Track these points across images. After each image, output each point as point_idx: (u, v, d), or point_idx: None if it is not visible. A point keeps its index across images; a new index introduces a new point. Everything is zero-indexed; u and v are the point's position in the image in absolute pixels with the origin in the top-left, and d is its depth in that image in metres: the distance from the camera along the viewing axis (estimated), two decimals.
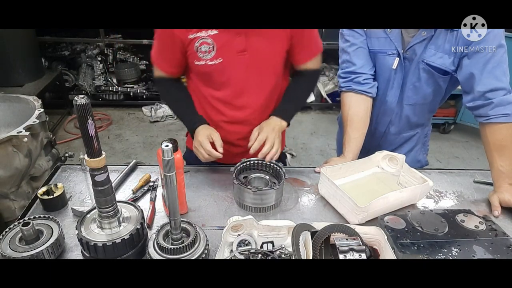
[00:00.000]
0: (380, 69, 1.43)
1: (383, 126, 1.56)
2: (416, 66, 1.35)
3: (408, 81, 1.40)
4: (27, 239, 0.94)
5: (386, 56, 1.39)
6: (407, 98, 1.44)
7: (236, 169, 1.26)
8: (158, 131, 4.13)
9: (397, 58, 1.37)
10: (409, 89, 1.42)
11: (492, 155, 1.26)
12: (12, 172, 1.78)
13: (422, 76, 1.36)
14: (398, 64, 1.38)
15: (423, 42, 1.30)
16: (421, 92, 1.41)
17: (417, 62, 1.34)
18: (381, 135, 1.59)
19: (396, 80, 1.42)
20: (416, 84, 1.39)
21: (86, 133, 0.79)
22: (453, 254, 0.98)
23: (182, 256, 0.90)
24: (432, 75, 1.34)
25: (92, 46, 4.36)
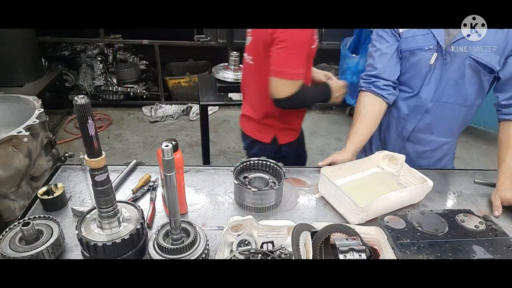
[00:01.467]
0: (417, 66, 1.41)
1: (412, 124, 1.50)
2: (461, 62, 1.32)
3: (451, 77, 1.36)
4: (27, 239, 0.94)
5: (422, 51, 1.38)
6: (447, 96, 1.40)
7: (236, 169, 1.26)
8: (158, 131, 4.13)
9: (435, 53, 1.35)
10: (451, 86, 1.38)
11: (505, 151, 1.26)
12: (12, 172, 1.78)
13: (466, 72, 1.33)
14: (437, 59, 1.36)
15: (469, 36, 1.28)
16: (462, 91, 1.38)
17: (463, 57, 1.31)
18: (408, 133, 1.53)
19: (433, 76, 1.39)
20: (459, 81, 1.36)
21: (86, 133, 0.79)
22: (453, 254, 0.98)
23: (182, 256, 0.90)
24: (478, 72, 1.32)
25: (92, 46, 4.36)
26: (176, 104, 4.48)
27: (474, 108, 1.46)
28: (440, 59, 1.36)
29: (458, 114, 1.46)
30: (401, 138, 1.57)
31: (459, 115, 1.46)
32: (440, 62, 1.36)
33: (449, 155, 1.57)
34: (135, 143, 3.87)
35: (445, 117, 1.46)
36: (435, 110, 1.45)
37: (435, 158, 1.53)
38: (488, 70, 1.31)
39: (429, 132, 1.51)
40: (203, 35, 4.03)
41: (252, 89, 1.64)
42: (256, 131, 1.67)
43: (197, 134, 3.94)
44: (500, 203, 1.23)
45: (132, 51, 4.60)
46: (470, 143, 4.12)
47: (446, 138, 1.52)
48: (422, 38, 1.37)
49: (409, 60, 1.42)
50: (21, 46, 3.46)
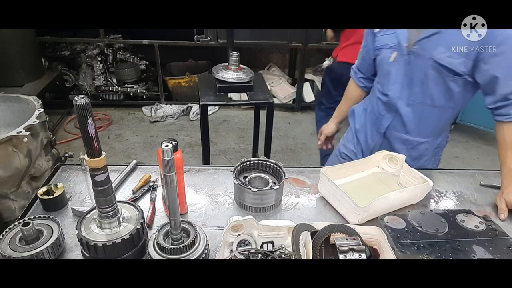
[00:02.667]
0: (381, 64, 1.50)
1: (387, 121, 1.54)
2: (425, 62, 1.33)
3: (415, 77, 1.38)
4: (27, 239, 0.94)
5: (385, 50, 1.44)
6: (414, 95, 1.42)
7: (236, 169, 1.26)
8: (158, 131, 4.13)
9: (395, 51, 1.39)
10: (416, 86, 1.40)
11: (506, 153, 1.25)
12: (12, 172, 1.78)
13: (430, 73, 1.34)
14: (397, 58, 1.39)
15: (431, 37, 1.30)
16: (428, 91, 1.39)
17: (426, 58, 1.33)
18: (384, 130, 1.56)
19: (396, 74, 1.42)
20: (424, 81, 1.37)
21: (86, 133, 0.79)
22: (453, 254, 0.98)
23: (182, 256, 0.90)
24: (441, 74, 1.32)
25: (92, 46, 4.36)
26: (176, 104, 4.47)
27: (447, 110, 1.44)
28: (401, 58, 1.39)
29: (429, 115, 1.46)
30: (379, 133, 1.59)
31: (431, 116, 1.46)
32: (402, 61, 1.39)
33: (427, 156, 1.56)
34: (135, 143, 3.87)
35: (417, 117, 1.47)
36: (406, 110, 1.47)
37: (411, 157, 1.54)
38: (452, 72, 1.31)
39: (403, 131, 1.53)
40: (203, 35, 4.02)
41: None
42: None
43: (197, 134, 3.94)
44: (505, 206, 1.22)
45: (132, 51, 4.59)
46: (470, 143, 4.12)
47: (420, 138, 1.52)
48: (387, 37, 1.43)
49: (378, 58, 1.52)
50: (21, 46, 3.46)
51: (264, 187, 1.25)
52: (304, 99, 4.57)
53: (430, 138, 1.52)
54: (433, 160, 1.59)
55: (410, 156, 1.54)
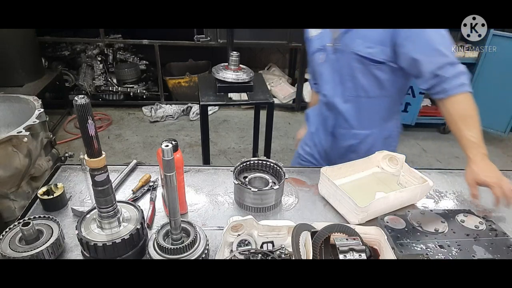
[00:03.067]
0: (315, 67, 1.54)
1: (331, 121, 1.56)
2: (348, 56, 1.37)
3: (344, 72, 1.42)
4: (27, 239, 0.94)
5: (315, 53, 1.49)
6: (348, 90, 1.45)
7: (236, 169, 1.26)
8: (158, 131, 4.13)
9: (324, 52, 1.43)
10: (348, 81, 1.43)
11: (459, 127, 1.24)
12: (12, 172, 1.78)
13: (356, 66, 1.37)
14: (326, 58, 1.43)
15: (348, 32, 1.33)
16: (359, 84, 1.41)
17: (348, 53, 1.36)
18: (331, 129, 1.59)
19: (328, 74, 1.46)
20: (353, 75, 1.41)
21: (86, 133, 0.79)
22: (453, 254, 0.98)
23: (182, 256, 0.90)
24: (365, 64, 1.35)
25: (92, 46, 4.36)
26: (176, 104, 4.47)
27: (384, 99, 1.46)
28: (328, 57, 1.42)
29: (367, 107, 1.47)
30: (328, 134, 1.61)
31: (369, 108, 1.48)
32: (331, 60, 1.42)
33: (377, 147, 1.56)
34: (135, 143, 3.87)
35: (356, 110, 1.49)
36: (344, 106, 1.49)
37: (362, 150, 1.55)
38: (374, 61, 1.33)
39: (348, 127, 1.54)
40: (203, 35, 4.02)
41: None
42: None
43: (197, 134, 3.94)
44: (477, 190, 1.19)
45: (132, 51, 4.59)
46: None
47: (366, 130, 1.54)
48: (316, 40, 1.47)
49: (313, 63, 1.56)
50: (21, 46, 3.46)
51: (264, 187, 1.25)
52: (304, 99, 4.57)
53: (376, 129, 1.54)
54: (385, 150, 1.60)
55: (361, 149, 1.56)
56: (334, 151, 1.61)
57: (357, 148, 1.55)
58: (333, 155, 1.62)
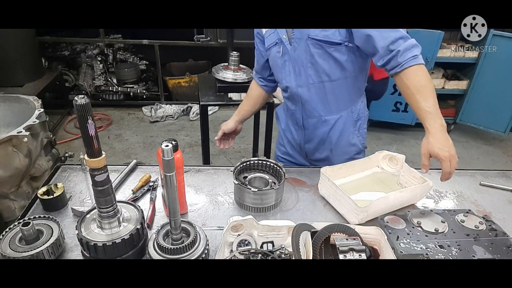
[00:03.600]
0: (273, 61, 1.53)
1: (299, 113, 1.56)
2: (305, 43, 1.37)
3: (304, 60, 1.42)
4: (27, 239, 0.94)
5: (273, 47, 1.49)
6: (309, 77, 1.45)
7: (236, 169, 1.26)
8: (158, 131, 4.13)
9: (281, 45, 1.44)
10: (308, 68, 1.43)
11: (415, 98, 1.23)
12: (12, 172, 1.78)
13: (314, 52, 1.38)
14: (284, 51, 1.44)
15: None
16: (320, 69, 1.41)
17: (305, 39, 1.37)
18: (301, 122, 1.59)
19: (288, 65, 1.46)
20: (312, 61, 1.41)
21: (86, 133, 0.79)
22: (453, 254, 0.98)
23: (182, 256, 0.90)
24: (323, 48, 1.36)
25: (92, 46, 4.36)
26: (176, 104, 4.48)
27: (346, 80, 1.46)
28: (286, 48, 1.43)
29: (332, 90, 1.47)
30: (299, 127, 1.62)
31: (333, 91, 1.48)
32: (288, 51, 1.43)
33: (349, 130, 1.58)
34: (135, 143, 3.87)
35: (321, 96, 1.49)
36: (308, 94, 1.49)
37: (335, 136, 1.56)
38: (330, 43, 1.34)
39: (316, 115, 1.54)
40: (203, 35, 4.03)
41: None
42: None
43: (197, 134, 3.94)
44: (429, 161, 1.19)
45: (132, 51, 4.59)
46: (470, 143, 4.12)
47: (335, 115, 1.54)
48: (272, 35, 1.47)
49: (270, 58, 1.55)
50: (21, 46, 3.46)
51: (264, 187, 1.25)
52: None
53: (343, 111, 1.54)
54: (357, 133, 1.60)
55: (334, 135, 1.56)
56: (308, 143, 1.62)
57: (329, 135, 1.55)
58: (308, 147, 1.62)
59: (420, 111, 1.23)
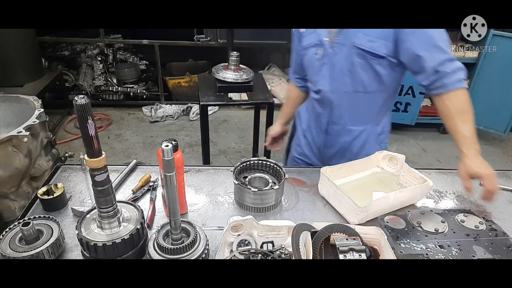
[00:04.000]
0: (310, 62, 1.51)
1: (325, 117, 1.55)
2: (348, 50, 1.36)
3: (343, 67, 1.40)
4: (27, 239, 0.94)
5: (311, 48, 1.46)
6: (345, 85, 1.44)
7: (236, 169, 1.26)
8: (158, 131, 4.13)
9: (321, 47, 1.42)
10: (345, 75, 1.42)
11: (455, 122, 1.25)
12: (12, 172, 1.78)
13: (356, 61, 1.37)
14: (324, 53, 1.42)
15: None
16: (358, 78, 1.40)
17: (349, 46, 1.35)
18: (325, 127, 1.58)
19: (326, 69, 1.45)
20: (352, 70, 1.39)
21: (86, 133, 0.79)
22: (453, 254, 0.98)
23: (182, 256, 0.90)
24: (366, 59, 1.35)
25: (92, 46, 4.36)
26: (176, 104, 4.47)
27: (381, 94, 1.46)
28: (327, 52, 1.41)
29: (363, 102, 1.47)
30: (322, 131, 1.60)
31: (365, 102, 1.47)
32: (329, 55, 1.41)
33: (372, 143, 1.57)
34: (135, 143, 3.87)
35: (352, 106, 1.48)
36: (339, 101, 1.48)
37: (356, 147, 1.56)
38: (374, 55, 1.33)
39: (342, 123, 1.54)
40: (203, 35, 4.02)
41: None
42: None
43: (197, 134, 3.94)
44: (470, 183, 1.20)
45: (132, 51, 4.59)
46: None
47: (360, 126, 1.54)
48: (311, 35, 1.45)
49: (306, 58, 1.53)
50: (21, 46, 3.46)
51: (264, 187, 1.25)
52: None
53: (370, 125, 1.53)
54: (378, 147, 1.59)
55: (356, 146, 1.55)
56: (327, 148, 1.60)
57: (351, 145, 1.55)
58: (327, 152, 1.61)
59: (457, 134, 1.25)
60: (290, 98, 1.82)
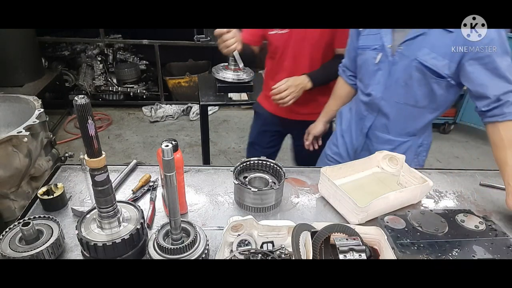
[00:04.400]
0: (365, 64, 1.49)
1: (369, 121, 1.54)
2: (409, 63, 1.34)
3: (400, 77, 1.38)
4: (27, 239, 0.94)
5: (370, 51, 1.44)
6: (397, 96, 1.42)
7: (236, 169, 1.26)
8: (158, 131, 4.13)
9: (380, 53, 1.40)
10: (400, 86, 1.40)
11: (505, 152, 1.23)
12: (12, 172, 1.78)
13: (414, 74, 1.34)
14: (382, 59, 1.40)
15: (416, 38, 1.30)
16: (411, 92, 1.39)
17: (410, 59, 1.33)
18: (367, 130, 1.56)
19: (381, 75, 1.43)
20: (408, 82, 1.37)
21: (86, 133, 0.79)
22: (453, 254, 0.98)
23: (182, 256, 0.90)
24: (425, 75, 1.33)
25: (92, 46, 4.36)
26: (176, 104, 4.48)
27: (429, 110, 1.44)
28: (386, 59, 1.39)
29: (410, 115, 1.46)
30: (362, 134, 1.59)
31: (412, 116, 1.46)
32: (387, 62, 1.39)
33: (410, 155, 1.55)
34: (135, 143, 3.87)
35: (399, 117, 1.47)
36: (388, 110, 1.47)
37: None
38: (435, 74, 1.31)
39: (385, 131, 1.53)
40: (203, 35, 4.03)
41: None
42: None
43: (197, 134, 3.94)
44: None
45: (132, 51, 4.60)
46: (470, 143, 4.13)
47: (401, 138, 1.52)
48: (372, 37, 1.42)
49: (361, 58, 1.50)
50: (21, 46, 3.46)
51: (264, 187, 1.25)
52: None
53: (412, 137, 1.52)
54: (415, 161, 1.58)
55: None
56: (364, 152, 1.58)
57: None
58: (363, 156, 1.53)
59: (506, 166, 1.22)
60: (339, 95, 1.74)
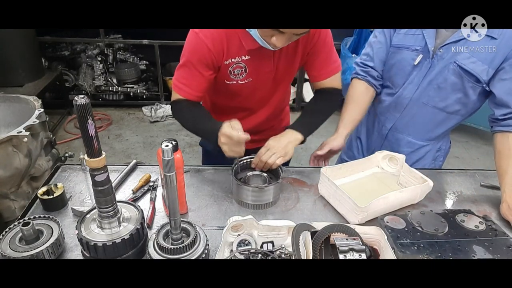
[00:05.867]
0: (401, 64, 1.43)
1: (390, 122, 1.51)
2: (446, 66, 1.31)
3: (434, 80, 1.36)
4: (27, 239, 0.94)
5: (409, 51, 1.39)
6: (427, 98, 1.40)
7: (234, 167, 1.27)
8: (158, 131, 4.13)
9: (421, 54, 1.36)
10: (432, 89, 1.38)
11: (509, 162, 1.23)
12: (12, 172, 1.78)
13: (449, 78, 1.32)
14: (421, 61, 1.36)
15: (459, 42, 1.28)
16: (444, 95, 1.37)
17: (448, 62, 1.31)
18: (386, 132, 1.54)
19: (415, 76, 1.40)
20: (442, 85, 1.35)
21: (86, 133, 0.79)
22: (453, 254, 0.98)
23: (182, 256, 0.90)
24: (462, 79, 1.31)
25: (92, 46, 4.36)
26: None
27: (456, 116, 1.43)
28: (425, 61, 1.36)
29: (436, 119, 1.44)
30: (380, 135, 1.57)
31: (437, 120, 1.45)
32: (425, 64, 1.37)
33: (428, 160, 1.54)
34: (135, 143, 3.87)
35: (422, 119, 1.45)
36: (413, 110, 1.45)
37: (412, 160, 1.52)
38: (473, 78, 1.29)
39: (406, 133, 1.51)
40: None
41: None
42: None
43: None
44: None
45: (132, 51, 4.59)
46: (470, 143, 4.12)
47: (422, 142, 1.51)
48: (412, 37, 1.38)
49: (395, 57, 1.44)
50: (21, 46, 3.46)
51: (262, 184, 1.25)
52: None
53: (432, 142, 1.51)
54: (432, 166, 1.57)
55: (411, 159, 1.52)
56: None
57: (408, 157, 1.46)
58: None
59: (505, 174, 1.23)
60: (361, 102, 1.51)
